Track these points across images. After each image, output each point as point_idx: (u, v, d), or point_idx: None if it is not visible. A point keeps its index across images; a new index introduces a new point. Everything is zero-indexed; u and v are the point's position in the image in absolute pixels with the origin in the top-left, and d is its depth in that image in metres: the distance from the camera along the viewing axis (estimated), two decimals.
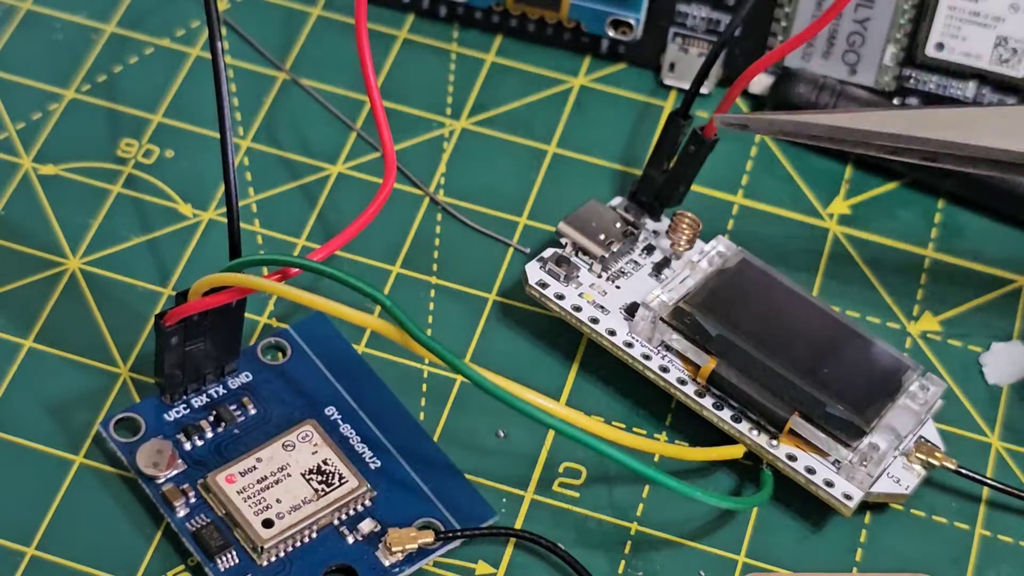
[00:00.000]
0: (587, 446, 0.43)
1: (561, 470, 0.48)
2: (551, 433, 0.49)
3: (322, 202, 0.53)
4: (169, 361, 0.46)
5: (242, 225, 0.52)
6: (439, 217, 0.53)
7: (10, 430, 0.47)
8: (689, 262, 0.49)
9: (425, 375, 0.49)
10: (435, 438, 0.48)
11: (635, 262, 0.50)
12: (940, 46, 0.54)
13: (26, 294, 0.50)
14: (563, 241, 0.50)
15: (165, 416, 0.47)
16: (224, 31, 0.56)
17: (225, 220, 0.52)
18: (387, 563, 0.45)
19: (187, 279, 0.50)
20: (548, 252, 0.50)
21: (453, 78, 0.56)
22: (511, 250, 0.52)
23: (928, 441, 0.47)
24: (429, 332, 0.50)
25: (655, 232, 0.51)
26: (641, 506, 0.47)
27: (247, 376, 0.48)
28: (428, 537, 0.45)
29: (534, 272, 0.49)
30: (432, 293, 0.51)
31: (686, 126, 0.50)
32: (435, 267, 0.52)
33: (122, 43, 0.56)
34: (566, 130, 0.55)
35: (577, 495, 0.48)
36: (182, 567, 0.45)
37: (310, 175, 0.53)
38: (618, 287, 0.50)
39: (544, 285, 0.49)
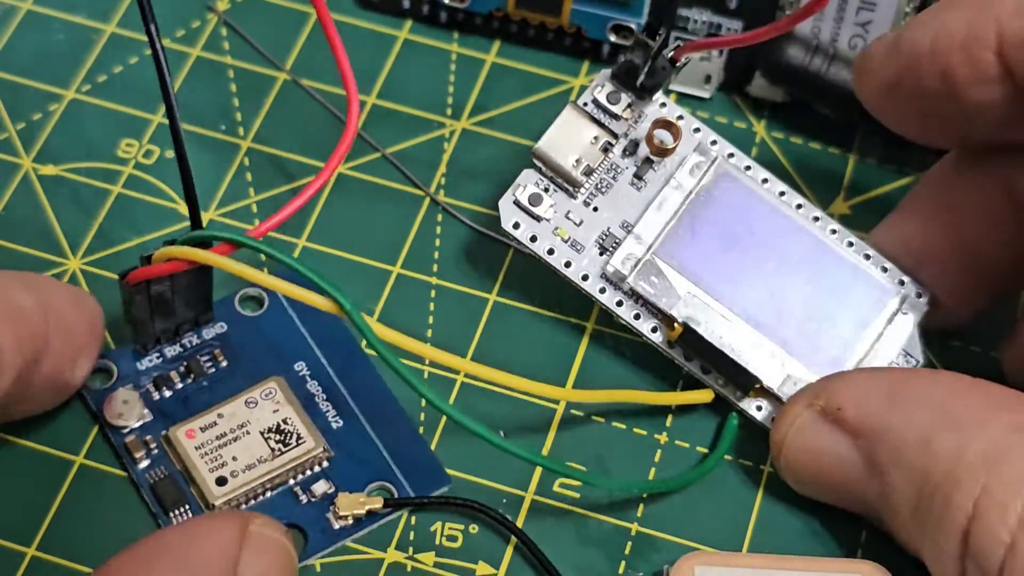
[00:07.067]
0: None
1: None
2: (552, 434, 0.49)
3: (322, 203, 0.53)
4: (137, 316, 0.47)
5: (242, 225, 0.52)
6: (439, 217, 0.53)
7: (10, 430, 0.47)
8: (663, 193, 0.49)
9: (425, 375, 0.49)
10: (435, 438, 0.48)
11: (616, 168, 0.50)
12: None
13: None
14: (538, 164, 0.49)
15: (138, 365, 0.48)
16: (224, 31, 0.56)
17: (225, 220, 0.52)
18: (337, 526, 0.46)
19: None
20: (521, 189, 0.49)
21: (453, 78, 0.56)
22: (511, 250, 0.52)
23: (909, 355, 0.48)
24: (429, 333, 0.50)
25: (642, 113, 0.50)
26: (641, 506, 0.47)
27: (222, 327, 0.49)
28: (376, 503, 0.46)
29: (508, 212, 0.49)
30: (432, 293, 0.51)
31: (654, 48, 0.49)
32: (435, 267, 0.52)
33: (122, 43, 0.56)
34: None
35: (577, 495, 0.48)
36: None
37: (310, 175, 0.53)
38: (595, 209, 0.49)
39: (517, 226, 0.49)
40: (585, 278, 0.49)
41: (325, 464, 0.47)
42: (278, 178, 0.53)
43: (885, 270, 0.49)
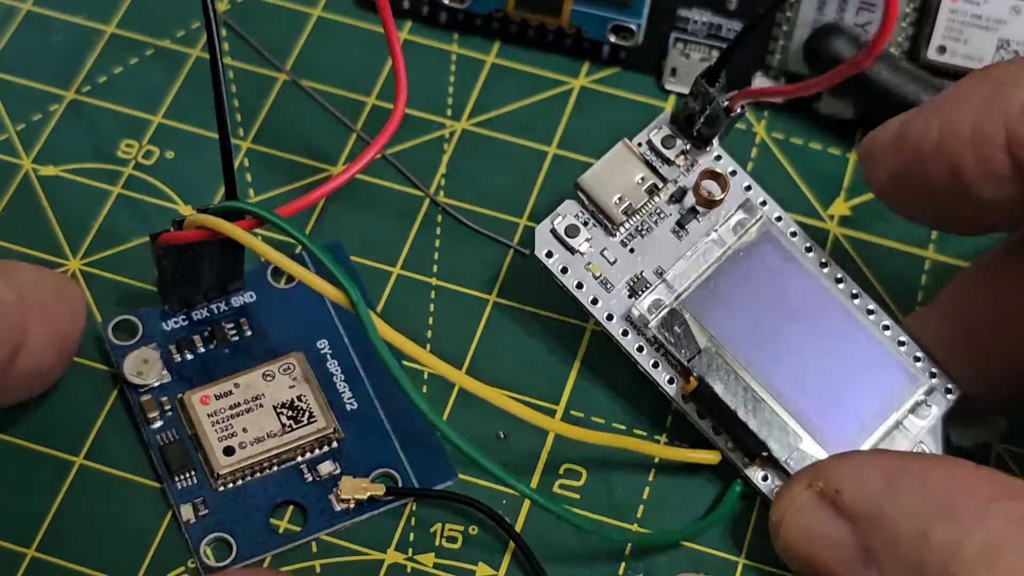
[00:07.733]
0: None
1: (561, 471, 0.48)
2: (551, 435, 0.49)
3: (322, 204, 0.53)
4: (167, 277, 0.47)
5: None
6: (439, 218, 0.53)
7: (11, 431, 0.47)
8: (702, 244, 0.48)
9: (426, 376, 0.49)
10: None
11: (659, 212, 0.49)
12: (942, 49, 0.54)
13: None
14: (580, 196, 0.49)
15: (163, 325, 0.49)
16: (224, 31, 0.56)
17: None
18: (338, 508, 0.46)
19: None
20: (560, 219, 0.48)
21: (453, 79, 0.56)
22: (511, 251, 0.52)
23: (926, 448, 0.47)
24: (429, 333, 0.50)
25: (695, 162, 0.49)
26: (641, 507, 0.47)
27: (251, 296, 0.49)
28: (378, 491, 0.46)
29: (544, 239, 0.48)
30: (432, 295, 0.51)
31: (713, 95, 0.48)
32: (435, 268, 0.52)
33: (122, 44, 0.56)
34: (566, 131, 0.55)
35: (577, 496, 0.48)
36: (182, 569, 0.45)
37: (310, 176, 0.53)
38: (632, 250, 0.48)
39: (550, 255, 0.48)
40: (610, 318, 0.48)
41: (334, 445, 0.47)
42: (278, 179, 0.53)
43: (917, 359, 0.48)
